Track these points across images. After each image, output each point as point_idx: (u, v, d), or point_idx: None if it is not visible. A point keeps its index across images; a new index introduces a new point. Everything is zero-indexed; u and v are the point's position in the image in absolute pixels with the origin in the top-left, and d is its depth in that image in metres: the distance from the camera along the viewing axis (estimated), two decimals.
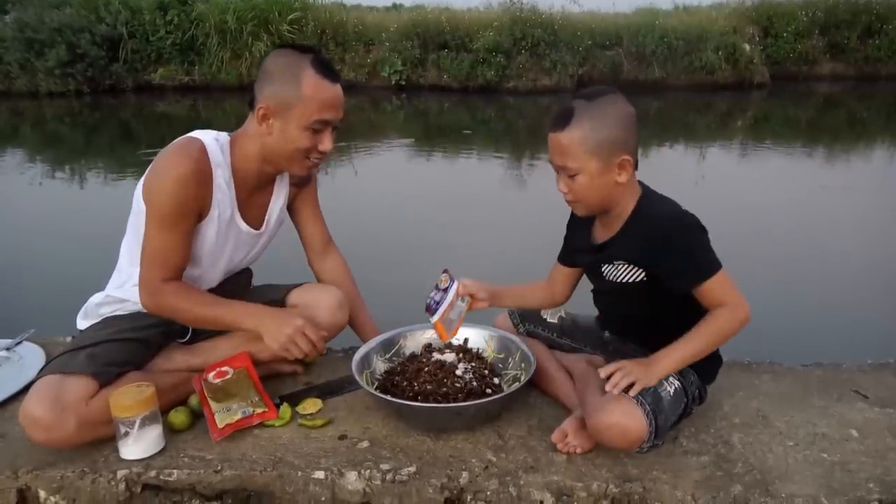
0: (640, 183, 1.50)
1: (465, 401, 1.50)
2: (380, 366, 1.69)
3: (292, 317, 1.58)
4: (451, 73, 11.57)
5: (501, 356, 1.70)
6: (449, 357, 1.67)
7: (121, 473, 1.38)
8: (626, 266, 1.48)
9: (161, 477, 1.39)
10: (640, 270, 1.46)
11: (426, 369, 1.62)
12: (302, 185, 1.79)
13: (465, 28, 11.88)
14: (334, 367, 1.81)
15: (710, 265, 1.40)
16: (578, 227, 1.61)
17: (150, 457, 1.42)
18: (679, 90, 11.84)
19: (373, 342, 1.71)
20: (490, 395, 1.53)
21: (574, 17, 12.60)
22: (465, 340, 1.76)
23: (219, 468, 1.39)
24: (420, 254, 4.04)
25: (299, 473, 1.38)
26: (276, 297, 1.75)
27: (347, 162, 7.30)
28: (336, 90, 1.54)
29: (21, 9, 11.49)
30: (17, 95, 10.72)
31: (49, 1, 11.47)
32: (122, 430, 1.39)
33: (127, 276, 1.63)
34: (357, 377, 1.56)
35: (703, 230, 1.42)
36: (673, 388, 1.44)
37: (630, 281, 1.48)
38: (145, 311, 1.60)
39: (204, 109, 10.32)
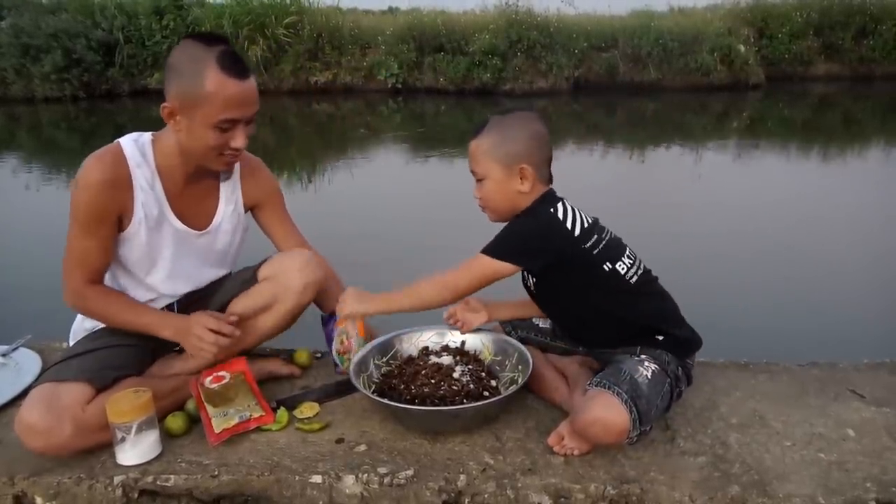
0: (550, 193, 1.57)
1: (462, 403, 1.50)
2: (377, 369, 1.69)
3: (192, 318, 1.58)
4: (447, 75, 11.59)
5: (499, 358, 1.70)
6: (446, 360, 1.67)
7: (118, 479, 1.38)
8: (530, 275, 1.61)
9: (158, 482, 1.38)
10: (528, 273, 1.60)
11: (423, 372, 1.62)
12: (258, 187, 1.76)
13: (461, 30, 11.91)
14: (331, 371, 1.81)
15: (490, 246, 1.50)
16: None
17: (148, 462, 1.42)
18: (675, 91, 11.87)
19: (370, 346, 1.71)
20: (487, 397, 1.53)
21: (570, 19, 12.63)
22: (463, 343, 1.76)
23: (216, 473, 1.39)
24: (418, 255, 4.04)
25: (297, 478, 1.38)
26: (247, 277, 1.74)
27: (344, 165, 7.31)
28: (243, 87, 1.45)
29: (17, 14, 11.50)
30: (13, 101, 10.72)
31: (45, 6, 11.49)
32: (119, 435, 1.39)
33: (113, 281, 1.65)
34: (354, 380, 1.56)
35: (529, 225, 1.51)
36: (650, 370, 1.45)
37: (532, 286, 1.62)
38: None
39: None
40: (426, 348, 1.75)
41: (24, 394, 1.49)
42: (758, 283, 3.55)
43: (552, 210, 1.51)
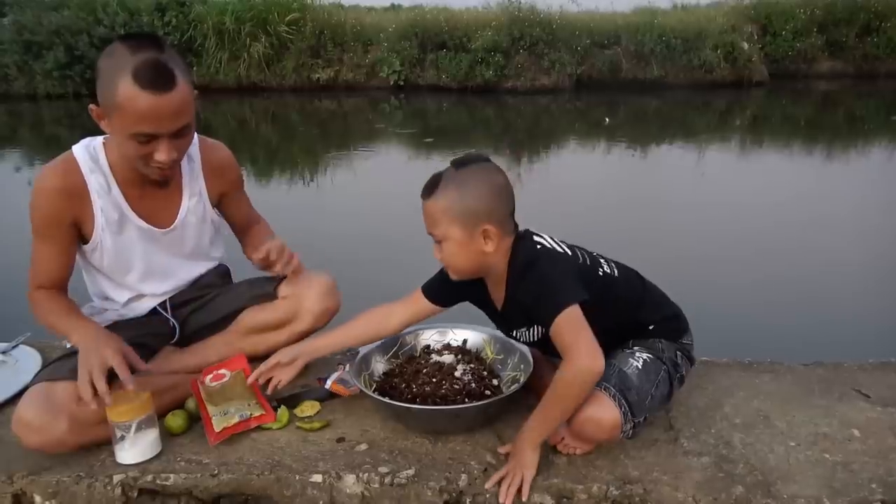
0: (523, 233, 1.45)
1: (463, 402, 1.49)
2: (378, 368, 1.68)
3: (97, 351, 1.38)
4: (449, 73, 11.57)
5: (500, 357, 1.69)
6: (448, 359, 1.66)
7: (117, 478, 1.37)
8: (527, 330, 1.50)
9: (158, 481, 1.37)
10: (539, 327, 1.46)
11: (425, 371, 1.61)
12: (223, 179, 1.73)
13: (464, 28, 11.88)
14: (332, 370, 1.79)
15: (559, 297, 1.31)
16: (470, 284, 1.52)
17: (147, 461, 1.41)
18: (678, 89, 11.84)
19: (370, 344, 1.70)
20: (489, 396, 1.52)
21: (572, 16, 12.60)
22: (464, 342, 1.75)
23: (216, 472, 1.38)
24: (420, 254, 4.02)
25: (297, 477, 1.37)
26: (267, 291, 1.74)
27: (346, 162, 7.30)
28: (158, 101, 1.34)
29: (19, 11, 11.48)
30: (15, 98, 10.73)
31: (47, 3, 11.47)
32: (119, 434, 1.38)
33: (95, 287, 1.68)
34: (355, 379, 1.55)
35: (555, 259, 1.38)
36: (640, 360, 1.43)
37: (538, 339, 1.49)
38: (127, 316, 1.63)
39: (202, 110, 10.30)
40: (427, 347, 1.75)
41: (23, 392, 1.49)
42: (762, 282, 3.53)
43: (545, 245, 1.41)
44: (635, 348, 1.48)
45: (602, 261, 1.49)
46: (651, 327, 1.51)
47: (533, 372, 1.55)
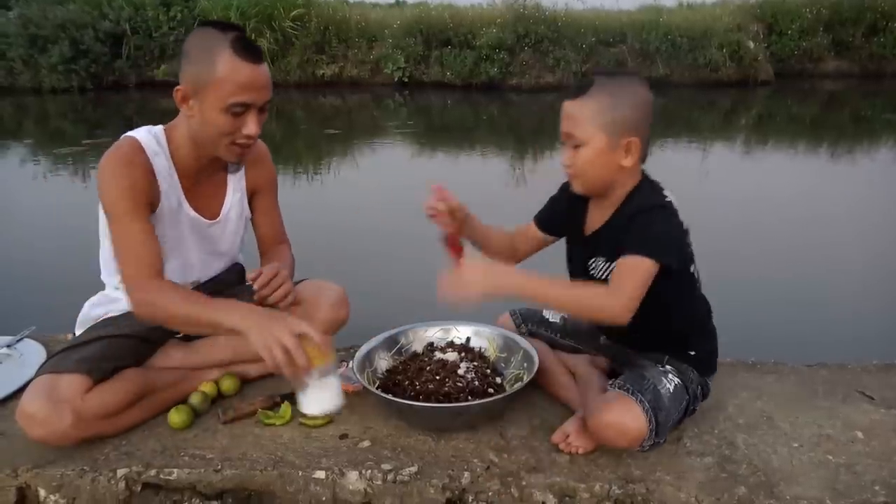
0: (644, 174, 1.46)
1: (466, 400, 1.49)
2: (382, 364, 1.68)
3: (285, 318, 1.34)
4: (453, 70, 11.55)
5: (504, 355, 1.69)
6: (451, 356, 1.66)
7: (121, 472, 1.38)
8: (605, 262, 1.45)
9: (161, 476, 1.38)
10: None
11: (428, 368, 1.61)
12: (254, 171, 1.73)
13: (469, 25, 11.85)
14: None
15: (647, 247, 1.31)
16: (572, 204, 1.53)
17: (328, 414, 1.40)
18: (683, 87, 11.79)
19: (374, 341, 1.70)
20: (492, 394, 1.52)
21: (577, 14, 12.56)
22: (468, 339, 1.75)
23: (219, 467, 1.38)
24: (423, 250, 4.02)
25: (300, 473, 1.37)
26: None
27: (350, 158, 7.30)
28: (255, 71, 1.44)
29: (24, 4, 11.50)
30: (20, 91, 10.74)
31: None
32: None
33: (109, 280, 1.66)
34: (359, 376, 1.55)
35: (674, 221, 1.37)
36: (672, 384, 1.43)
37: (607, 277, 1.43)
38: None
39: None
40: (431, 344, 1.75)
41: (27, 385, 1.49)
42: (766, 282, 3.52)
43: (673, 203, 1.39)
44: (669, 368, 1.47)
45: (695, 263, 1.48)
46: (692, 353, 1.50)
47: (539, 368, 1.55)
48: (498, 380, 1.61)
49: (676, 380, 1.44)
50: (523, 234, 1.66)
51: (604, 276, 1.45)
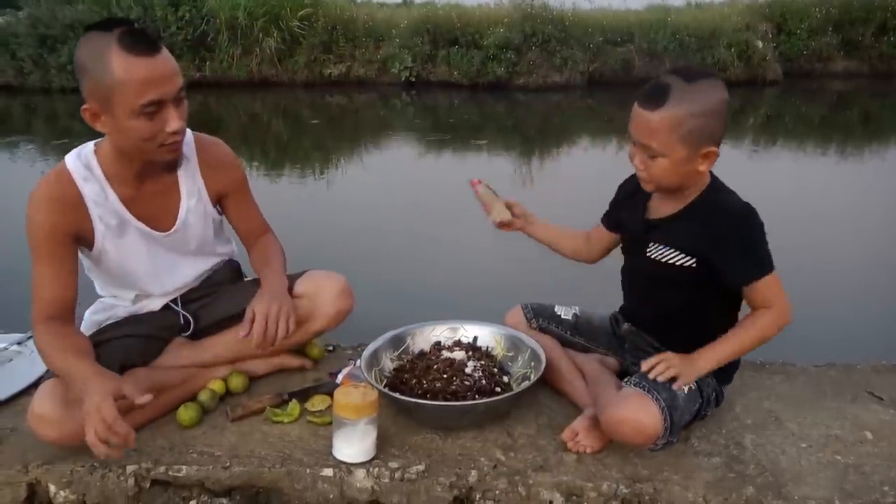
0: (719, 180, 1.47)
1: (474, 399, 1.49)
2: (389, 363, 1.68)
3: (99, 391, 1.27)
4: (460, 69, 11.53)
5: (511, 354, 1.69)
6: (458, 355, 1.66)
7: (130, 469, 1.39)
8: (675, 252, 1.44)
9: (170, 473, 1.39)
10: (691, 258, 1.42)
11: (435, 367, 1.61)
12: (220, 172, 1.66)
13: (476, 24, 11.83)
14: (343, 364, 1.80)
15: (767, 264, 1.39)
16: (633, 195, 1.55)
17: (360, 463, 1.39)
18: None
19: (381, 339, 1.71)
20: (499, 393, 1.52)
21: (585, 13, 12.52)
22: (475, 338, 1.75)
23: (227, 464, 1.39)
24: (430, 251, 4.03)
25: (308, 470, 1.38)
26: None
27: (356, 158, 7.31)
28: (153, 63, 1.32)
29: (34, 5, 11.55)
30: (30, 91, 10.80)
31: None
32: (341, 428, 1.38)
33: (104, 287, 1.67)
34: (366, 375, 1.56)
35: (762, 227, 1.40)
36: (688, 386, 1.42)
37: (677, 264, 1.43)
38: (140, 312, 1.61)
39: (215, 105, 10.35)
40: (438, 343, 1.75)
41: (38, 382, 1.50)
42: None
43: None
44: None
45: None
46: None
47: (547, 364, 1.55)
48: (505, 379, 1.61)
49: (693, 383, 1.44)
50: (595, 237, 1.71)
51: (664, 260, 1.46)
